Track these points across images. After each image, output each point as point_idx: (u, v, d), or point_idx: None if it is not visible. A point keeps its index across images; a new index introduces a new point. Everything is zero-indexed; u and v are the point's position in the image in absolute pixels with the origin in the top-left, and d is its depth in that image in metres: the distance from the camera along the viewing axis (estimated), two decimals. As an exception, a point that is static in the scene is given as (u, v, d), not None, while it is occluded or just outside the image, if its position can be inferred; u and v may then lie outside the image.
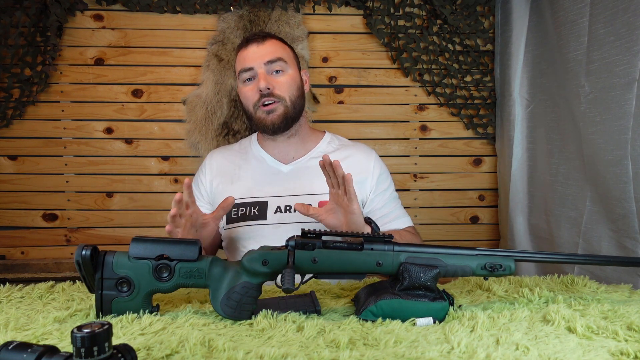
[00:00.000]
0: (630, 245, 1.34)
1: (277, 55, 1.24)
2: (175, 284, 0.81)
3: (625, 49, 1.32)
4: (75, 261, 0.78)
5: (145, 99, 2.11)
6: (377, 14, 2.09)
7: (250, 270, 0.80)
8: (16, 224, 2.10)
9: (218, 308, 0.80)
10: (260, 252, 0.81)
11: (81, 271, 0.79)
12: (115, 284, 0.79)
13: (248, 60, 1.24)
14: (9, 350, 0.51)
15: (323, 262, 0.80)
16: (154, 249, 0.81)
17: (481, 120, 2.18)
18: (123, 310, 0.80)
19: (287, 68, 1.25)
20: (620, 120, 1.34)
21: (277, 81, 1.23)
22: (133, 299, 0.80)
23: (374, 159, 1.36)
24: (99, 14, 2.07)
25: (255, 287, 0.80)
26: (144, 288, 0.80)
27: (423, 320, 0.76)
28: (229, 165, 1.35)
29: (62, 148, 2.09)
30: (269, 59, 1.23)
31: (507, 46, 1.99)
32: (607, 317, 0.78)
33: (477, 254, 0.83)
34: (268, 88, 1.21)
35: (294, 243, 0.80)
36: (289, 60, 1.27)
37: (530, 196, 1.94)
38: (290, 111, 1.25)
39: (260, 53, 1.23)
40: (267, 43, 1.25)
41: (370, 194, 1.32)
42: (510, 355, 0.61)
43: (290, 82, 1.26)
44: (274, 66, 1.23)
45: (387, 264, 0.81)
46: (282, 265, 0.79)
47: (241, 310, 0.79)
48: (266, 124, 1.24)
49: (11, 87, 2.00)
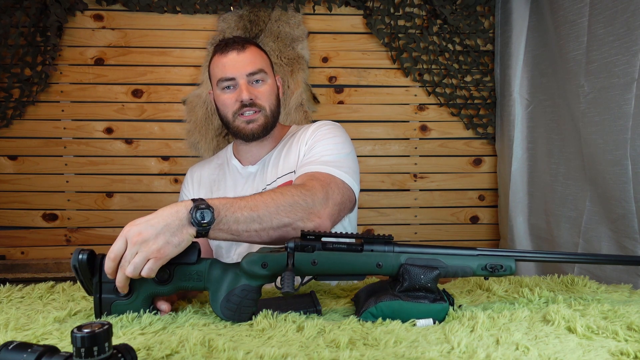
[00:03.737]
0: (630, 245, 1.34)
1: (259, 66, 1.23)
2: (175, 287, 0.80)
3: (624, 49, 1.32)
4: (72, 266, 0.77)
5: (145, 99, 2.11)
6: (377, 14, 2.09)
7: (249, 272, 0.79)
8: (16, 224, 2.10)
9: (218, 311, 0.79)
10: (259, 255, 0.80)
11: (79, 275, 0.78)
12: (114, 288, 0.79)
13: (229, 69, 1.22)
14: (9, 350, 0.51)
15: (323, 264, 0.80)
16: None
17: (481, 120, 2.18)
18: (123, 312, 0.79)
19: (267, 78, 1.25)
20: (620, 120, 1.34)
21: (258, 91, 1.23)
22: (132, 302, 0.80)
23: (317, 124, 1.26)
24: (99, 14, 2.07)
25: (254, 289, 0.80)
26: (143, 291, 0.80)
27: (423, 321, 0.76)
28: (207, 178, 1.37)
29: (62, 148, 2.09)
30: (251, 71, 1.21)
31: (507, 46, 1.99)
32: (607, 317, 0.78)
33: (478, 255, 0.83)
34: (251, 99, 1.21)
35: (294, 245, 0.80)
36: (267, 69, 1.26)
37: (530, 196, 1.94)
38: (269, 120, 1.25)
39: (241, 63, 1.21)
40: (248, 52, 1.23)
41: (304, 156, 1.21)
42: (510, 355, 0.61)
43: (270, 92, 1.26)
44: (255, 77, 1.22)
45: (387, 266, 0.80)
46: (281, 268, 0.79)
47: (241, 312, 0.79)
48: (245, 133, 1.25)
49: (11, 87, 2.00)
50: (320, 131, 1.23)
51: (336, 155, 1.14)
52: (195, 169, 1.43)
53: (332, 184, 1.05)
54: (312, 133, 1.23)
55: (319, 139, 1.20)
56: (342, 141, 1.20)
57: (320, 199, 0.97)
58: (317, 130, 1.23)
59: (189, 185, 1.40)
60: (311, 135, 1.23)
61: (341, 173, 1.09)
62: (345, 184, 1.09)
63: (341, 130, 1.25)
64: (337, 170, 1.09)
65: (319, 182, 1.02)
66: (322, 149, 1.16)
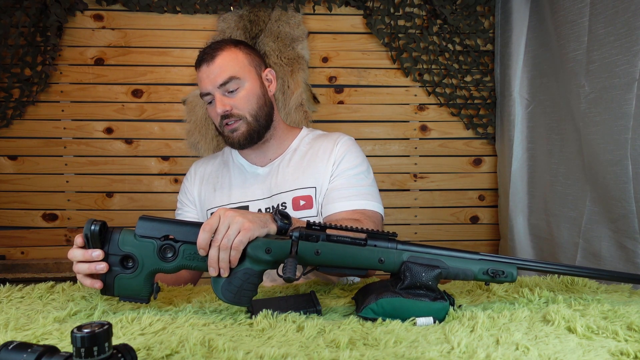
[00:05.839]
0: (630, 245, 1.34)
1: (228, 74, 1.19)
2: (179, 265, 0.82)
3: (625, 49, 1.32)
4: (84, 234, 0.79)
5: (145, 99, 2.11)
6: (377, 14, 2.09)
7: (253, 257, 0.81)
8: (16, 224, 2.10)
9: (219, 292, 0.81)
10: (264, 240, 0.81)
11: (89, 245, 0.80)
12: (120, 261, 0.81)
13: (203, 83, 1.21)
14: (9, 350, 0.51)
15: (326, 255, 0.81)
16: (160, 228, 0.82)
17: (481, 120, 2.18)
18: (125, 287, 0.81)
19: (242, 83, 1.21)
20: (620, 120, 1.34)
21: (233, 100, 1.21)
22: (136, 276, 0.81)
23: (339, 143, 1.28)
24: (99, 14, 2.07)
25: (256, 274, 0.81)
26: (147, 267, 0.81)
27: (423, 319, 0.76)
28: (211, 174, 1.37)
29: (62, 148, 2.09)
30: (221, 82, 1.19)
31: (507, 46, 1.99)
32: (607, 317, 0.78)
33: (480, 259, 0.83)
34: (226, 110, 1.20)
35: (298, 234, 0.81)
36: (242, 72, 1.21)
37: (530, 196, 1.94)
38: (253, 125, 1.23)
39: (211, 75, 1.20)
40: (217, 61, 1.20)
41: (332, 177, 1.25)
42: (510, 355, 0.61)
43: (248, 97, 1.22)
44: (227, 87, 1.19)
45: (389, 262, 0.81)
46: (285, 255, 0.80)
47: (241, 295, 0.80)
48: (233, 142, 1.25)
49: (11, 87, 2.00)
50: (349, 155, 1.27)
51: (369, 186, 1.26)
52: (199, 164, 1.42)
53: (377, 222, 1.20)
54: (339, 154, 1.26)
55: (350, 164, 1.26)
56: (367, 166, 1.30)
57: None
58: (346, 153, 1.27)
59: (191, 179, 1.38)
60: (340, 156, 1.26)
61: (379, 206, 1.23)
62: (381, 215, 1.24)
63: (360, 150, 1.33)
64: (376, 203, 1.23)
65: (373, 224, 1.16)
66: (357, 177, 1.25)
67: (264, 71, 1.29)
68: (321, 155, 1.26)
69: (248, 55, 1.26)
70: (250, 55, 1.26)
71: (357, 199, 1.21)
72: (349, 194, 1.21)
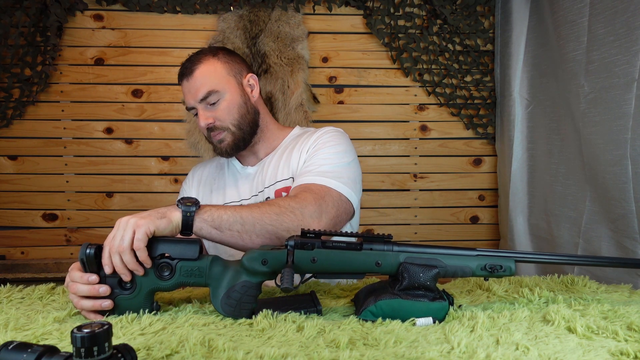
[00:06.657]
0: (629, 245, 1.34)
1: (207, 88, 1.19)
2: (176, 283, 0.82)
3: (624, 49, 1.32)
4: (80, 259, 0.80)
5: (145, 99, 2.11)
6: (377, 14, 2.09)
7: (250, 269, 0.80)
8: (16, 224, 2.10)
9: (218, 307, 0.80)
10: (259, 252, 0.81)
11: (85, 269, 0.81)
12: (118, 282, 0.81)
13: (186, 98, 1.23)
14: (9, 350, 0.51)
15: (322, 262, 0.80)
16: (155, 247, 0.82)
17: (481, 120, 2.18)
18: (125, 307, 0.81)
19: (222, 95, 1.21)
20: (620, 120, 1.34)
21: (215, 113, 1.21)
22: (135, 296, 0.81)
23: (321, 132, 1.25)
24: (99, 14, 2.07)
25: (254, 286, 0.81)
26: (145, 286, 0.81)
27: (423, 320, 0.76)
28: (208, 176, 1.40)
29: (62, 148, 2.09)
30: (201, 97, 1.20)
31: (507, 46, 1.99)
32: (607, 317, 0.78)
33: (477, 255, 0.83)
34: (209, 123, 1.22)
35: (293, 242, 0.81)
36: (221, 85, 1.21)
37: (530, 196, 1.94)
38: (238, 135, 1.24)
39: (192, 90, 1.21)
40: (196, 74, 1.20)
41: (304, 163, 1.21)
42: (510, 355, 0.61)
43: (229, 108, 1.22)
44: (208, 100, 1.20)
45: (387, 264, 0.81)
46: (281, 265, 0.80)
47: (241, 308, 0.80)
48: (221, 151, 1.27)
49: (11, 87, 2.00)
50: (322, 139, 1.22)
51: (335, 165, 1.13)
52: (197, 167, 1.46)
53: (326, 197, 1.04)
54: (314, 140, 1.22)
55: (320, 147, 1.19)
56: (344, 150, 1.19)
57: (311, 212, 0.98)
58: (320, 138, 1.22)
59: (190, 182, 1.43)
60: (314, 142, 1.21)
61: (338, 184, 1.08)
62: (342, 195, 1.08)
63: (344, 138, 1.24)
64: (334, 181, 1.08)
65: (312, 195, 1.02)
66: (321, 157, 1.15)
67: (245, 77, 1.27)
68: (299, 146, 1.24)
69: (227, 64, 1.24)
70: (229, 63, 1.25)
71: (310, 175, 1.10)
72: (305, 172, 1.12)
